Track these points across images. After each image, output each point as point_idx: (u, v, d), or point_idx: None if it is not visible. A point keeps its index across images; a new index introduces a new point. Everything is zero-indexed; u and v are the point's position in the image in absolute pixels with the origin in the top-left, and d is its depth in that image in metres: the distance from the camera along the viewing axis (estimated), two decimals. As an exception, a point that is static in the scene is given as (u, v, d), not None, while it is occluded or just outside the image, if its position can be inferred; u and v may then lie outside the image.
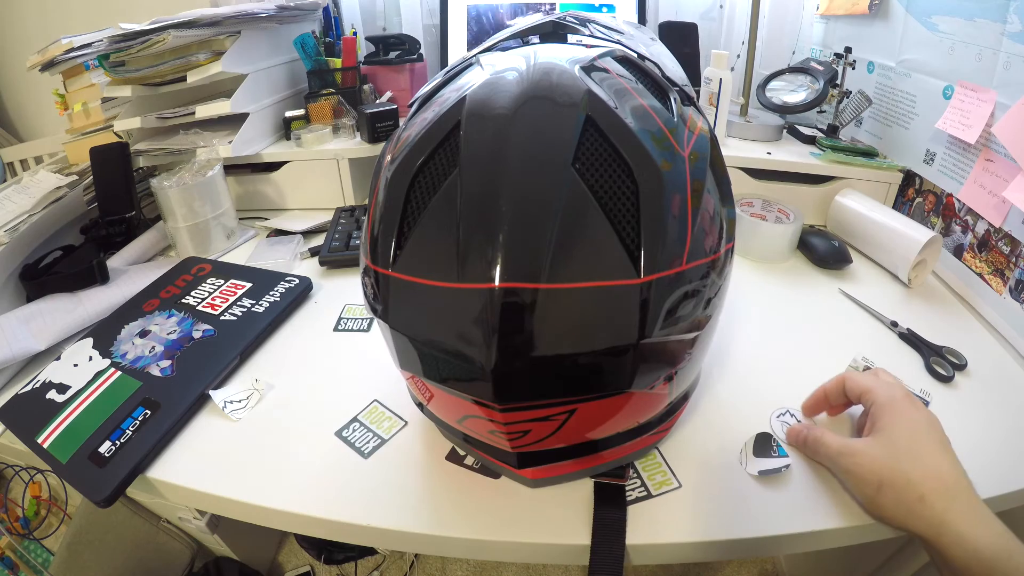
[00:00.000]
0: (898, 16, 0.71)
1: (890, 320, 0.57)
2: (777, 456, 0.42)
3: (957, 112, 0.60)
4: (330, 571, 1.05)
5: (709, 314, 0.34)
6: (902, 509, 0.34)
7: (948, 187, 0.63)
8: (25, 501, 1.13)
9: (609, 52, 0.38)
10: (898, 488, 0.34)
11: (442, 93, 0.37)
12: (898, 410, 0.38)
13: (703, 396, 0.48)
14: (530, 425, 0.33)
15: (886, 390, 0.39)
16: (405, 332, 0.33)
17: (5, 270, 0.62)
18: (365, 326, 0.60)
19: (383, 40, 0.97)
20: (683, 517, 0.39)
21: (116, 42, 0.70)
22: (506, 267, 0.28)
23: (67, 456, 0.44)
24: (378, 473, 0.43)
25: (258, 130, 0.83)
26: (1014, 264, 0.54)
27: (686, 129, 0.35)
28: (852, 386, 0.42)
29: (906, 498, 0.34)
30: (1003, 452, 0.43)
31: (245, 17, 0.76)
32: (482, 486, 0.42)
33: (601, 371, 0.31)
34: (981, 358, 0.52)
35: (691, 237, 0.32)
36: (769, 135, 0.83)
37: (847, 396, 0.43)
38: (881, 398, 0.39)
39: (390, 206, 0.33)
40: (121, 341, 0.56)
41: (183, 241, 0.73)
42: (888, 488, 0.35)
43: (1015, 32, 0.53)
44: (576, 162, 0.30)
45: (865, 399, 0.40)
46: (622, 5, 0.97)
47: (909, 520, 0.34)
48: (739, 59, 0.96)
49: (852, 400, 0.42)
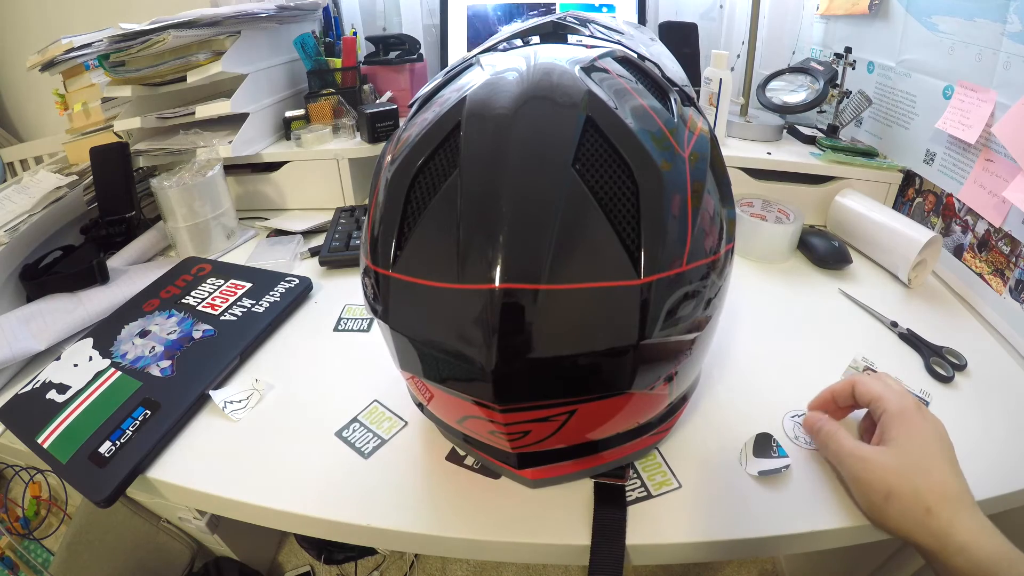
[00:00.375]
0: (898, 16, 0.71)
1: (890, 320, 0.57)
2: (777, 456, 0.42)
3: (957, 112, 0.60)
4: (330, 571, 1.05)
5: (709, 315, 0.34)
6: (908, 520, 0.34)
7: (948, 187, 0.63)
8: (25, 501, 1.13)
9: (609, 52, 0.38)
10: (906, 499, 0.34)
11: (442, 93, 0.37)
12: (910, 421, 0.37)
13: (703, 396, 0.48)
14: (530, 426, 0.33)
15: (898, 399, 0.39)
16: (405, 333, 0.33)
17: (5, 270, 0.62)
18: (365, 326, 0.60)
19: (383, 40, 0.97)
20: (683, 517, 0.39)
21: (116, 42, 0.70)
22: (506, 268, 0.28)
23: (67, 456, 0.44)
24: (378, 473, 0.43)
25: (258, 130, 0.83)
26: (1014, 264, 0.54)
27: (686, 129, 0.35)
28: (862, 391, 0.41)
29: (913, 510, 0.34)
30: (1003, 452, 0.43)
31: (245, 17, 0.76)
32: (482, 486, 0.42)
33: (601, 372, 0.31)
34: (981, 358, 0.52)
35: (691, 238, 0.32)
36: (769, 135, 0.83)
37: (855, 400, 0.42)
38: (893, 407, 0.38)
39: (390, 206, 0.33)
40: (121, 341, 0.56)
41: (183, 241, 0.73)
42: (896, 499, 0.35)
43: (1015, 32, 0.53)
44: (576, 163, 0.30)
45: (876, 406, 0.40)
46: (622, 5, 0.97)
47: (914, 531, 0.34)
48: (739, 59, 0.96)
49: (861, 404, 0.42)
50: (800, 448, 0.43)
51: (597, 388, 0.32)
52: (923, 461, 0.36)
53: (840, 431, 0.40)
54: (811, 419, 0.43)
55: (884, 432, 0.38)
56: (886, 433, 0.38)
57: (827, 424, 0.42)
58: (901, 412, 0.38)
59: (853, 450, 0.38)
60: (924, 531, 0.34)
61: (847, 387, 0.43)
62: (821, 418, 0.43)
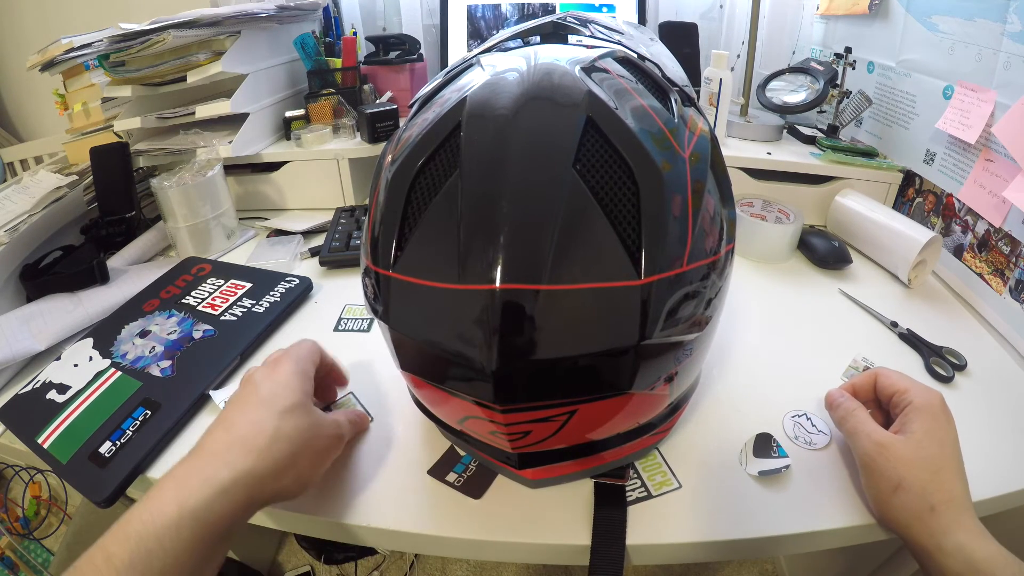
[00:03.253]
0: (898, 16, 0.71)
1: (890, 320, 0.57)
2: (777, 456, 0.42)
3: (957, 112, 0.60)
4: (330, 571, 1.05)
5: (709, 315, 0.34)
6: (911, 514, 0.34)
7: (948, 187, 0.63)
8: (25, 501, 1.13)
9: (609, 53, 0.38)
10: (914, 493, 0.34)
11: (443, 94, 0.37)
12: (935, 417, 0.37)
13: (703, 396, 0.48)
14: (531, 426, 0.33)
15: (924, 394, 0.39)
16: (406, 333, 0.33)
17: (5, 270, 0.62)
18: (365, 326, 0.60)
19: (383, 40, 0.97)
20: (683, 517, 0.39)
21: (116, 42, 0.70)
22: (507, 268, 0.28)
23: (67, 456, 0.44)
24: (378, 473, 0.43)
25: (258, 130, 0.83)
26: (1014, 264, 0.54)
27: (686, 130, 0.35)
28: (886, 383, 0.41)
29: (918, 505, 0.34)
30: (1003, 452, 0.43)
31: (245, 17, 0.76)
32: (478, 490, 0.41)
33: (602, 372, 0.31)
34: (981, 358, 0.52)
35: (692, 238, 0.32)
36: (769, 135, 0.83)
37: (876, 393, 0.42)
38: (919, 400, 0.38)
39: (391, 207, 0.33)
40: (121, 341, 0.56)
41: (183, 241, 0.73)
42: (904, 491, 0.35)
43: (1015, 32, 0.53)
44: (577, 163, 0.30)
45: (900, 398, 0.40)
46: (622, 5, 0.97)
47: (913, 526, 0.34)
48: (739, 59, 0.96)
49: (881, 398, 0.42)
50: (800, 448, 0.43)
51: (597, 388, 0.32)
52: (938, 459, 0.36)
53: (861, 409, 0.40)
54: (833, 394, 0.43)
55: (905, 423, 0.38)
56: (907, 424, 0.37)
57: (848, 400, 0.41)
58: (927, 406, 0.38)
59: (872, 432, 0.38)
60: (923, 529, 0.34)
61: (870, 379, 0.42)
62: (843, 394, 0.42)
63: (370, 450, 0.45)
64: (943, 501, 0.34)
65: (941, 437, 0.37)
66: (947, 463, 0.36)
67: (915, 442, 0.36)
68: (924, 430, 0.37)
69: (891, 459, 0.36)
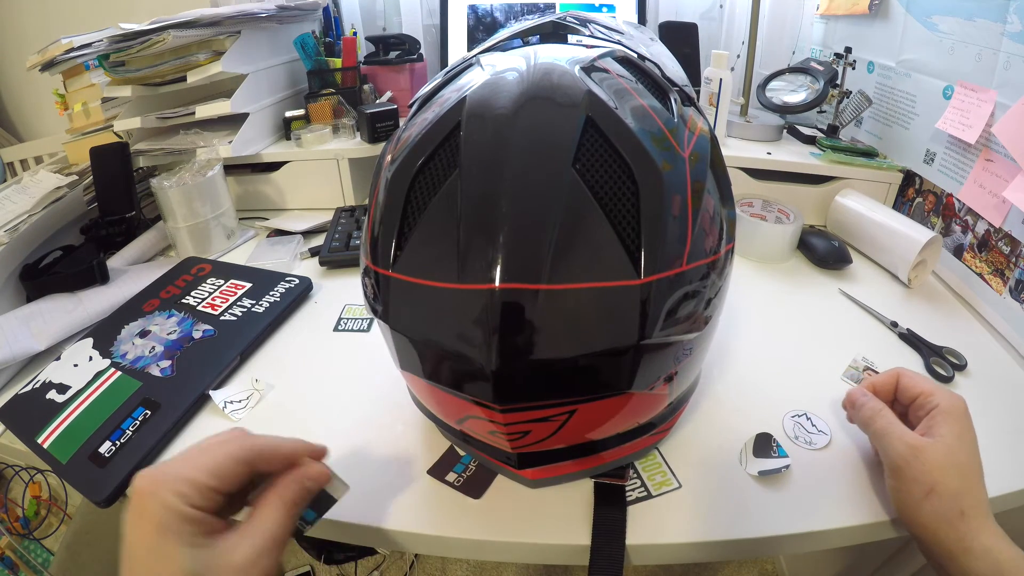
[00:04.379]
0: (898, 16, 0.71)
1: (890, 320, 0.57)
2: (777, 456, 0.42)
3: (957, 112, 0.60)
4: (330, 571, 1.05)
5: (709, 315, 0.34)
6: (941, 519, 0.34)
7: (948, 187, 0.63)
8: (25, 501, 1.13)
9: (609, 52, 0.38)
10: (947, 498, 0.34)
11: (442, 93, 0.37)
12: (962, 422, 0.37)
13: (703, 396, 0.48)
14: (530, 426, 0.33)
15: (950, 397, 0.38)
16: (405, 333, 0.33)
17: (5, 270, 0.62)
18: (365, 326, 0.60)
19: (383, 40, 0.97)
20: (683, 517, 0.39)
21: (116, 42, 0.70)
22: (506, 268, 0.28)
23: (67, 456, 0.44)
24: (378, 473, 0.43)
25: (258, 130, 0.83)
26: (1014, 264, 0.54)
27: (686, 130, 0.35)
28: (909, 384, 0.40)
29: (950, 510, 0.34)
30: (1003, 452, 0.43)
31: (245, 17, 0.76)
32: (479, 488, 0.42)
33: (601, 372, 0.31)
34: (981, 358, 0.52)
35: (691, 238, 0.32)
36: (769, 135, 0.83)
37: (897, 394, 0.41)
38: (946, 404, 0.38)
39: (390, 207, 0.33)
40: (121, 341, 0.56)
41: (183, 241, 0.73)
42: (937, 496, 0.34)
43: (1015, 32, 0.53)
44: (576, 163, 0.30)
45: (926, 400, 0.39)
46: (622, 5, 0.97)
47: (942, 530, 0.34)
48: (739, 59, 0.96)
49: (903, 399, 0.41)
50: (800, 448, 0.43)
51: (597, 388, 0.32)
52: (967, 463, 0.35)
53: (887, 409, 0.39)
54: (855, 393, 0.42)
55: (932, 427, 0.37)
56: (935, 428, 0.37)
57: (873, 400, 0.40)
58: (954, 410, 0.37)
59: (903, 435, 0.37)
60: (952, 533, 0.33)
61: (891, 379, 0.41)
62: (866, 393, 0.41)
63: (370, 450, 0.45)
64: (972, 506, 0.34)
65: (970, 442, 0.36)
66: (975, 469, 0.36)
67: (946, 446, 0.36)
68: (954, 435, 0.36)
69: (926, 463, 0.35)
